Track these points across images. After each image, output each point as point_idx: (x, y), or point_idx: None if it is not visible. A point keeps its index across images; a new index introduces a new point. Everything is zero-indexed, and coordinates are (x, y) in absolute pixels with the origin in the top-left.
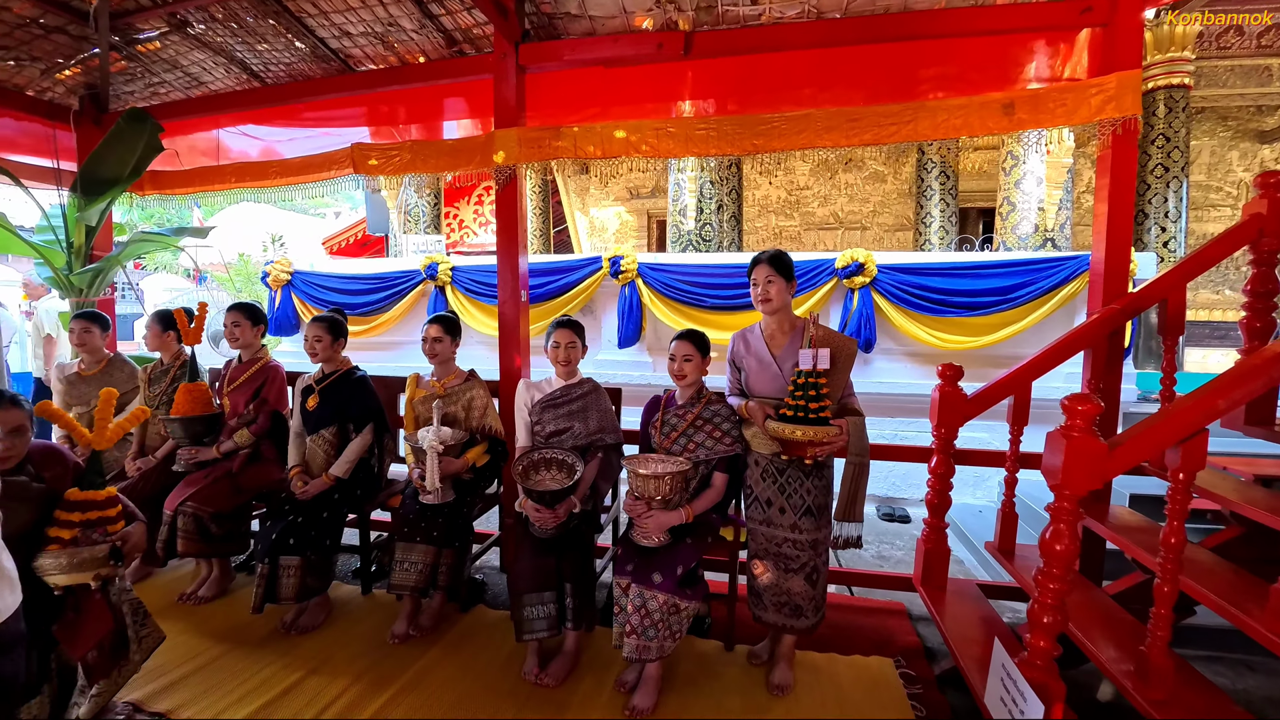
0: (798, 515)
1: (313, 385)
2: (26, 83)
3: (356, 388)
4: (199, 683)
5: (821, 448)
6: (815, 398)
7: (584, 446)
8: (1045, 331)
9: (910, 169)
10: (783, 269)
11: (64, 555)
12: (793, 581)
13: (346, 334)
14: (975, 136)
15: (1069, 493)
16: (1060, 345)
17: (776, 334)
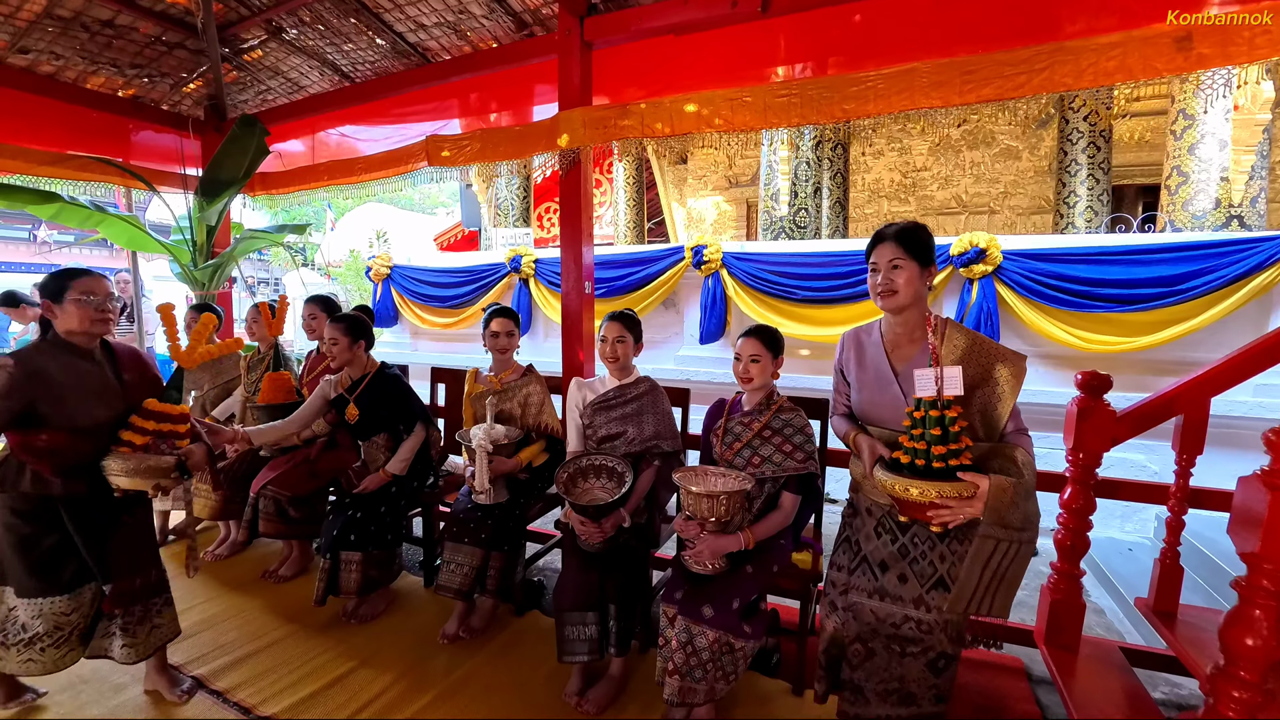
0: (925, 587)
1: (345, 395)
2: (160, 98)
3: (394, 391)
4: (259, 663)
5: (948, 512)
6: (941, 438)
7: (638, 453)
8: (1226, 331)
9: (1050, 143)
10: (917, 249)
11: (132, 459)
12: (909, 666)
13: (370, 336)
14: (1136, 82)
15: (1273, 569)
16: (1257, 349)
17: (902, 340)
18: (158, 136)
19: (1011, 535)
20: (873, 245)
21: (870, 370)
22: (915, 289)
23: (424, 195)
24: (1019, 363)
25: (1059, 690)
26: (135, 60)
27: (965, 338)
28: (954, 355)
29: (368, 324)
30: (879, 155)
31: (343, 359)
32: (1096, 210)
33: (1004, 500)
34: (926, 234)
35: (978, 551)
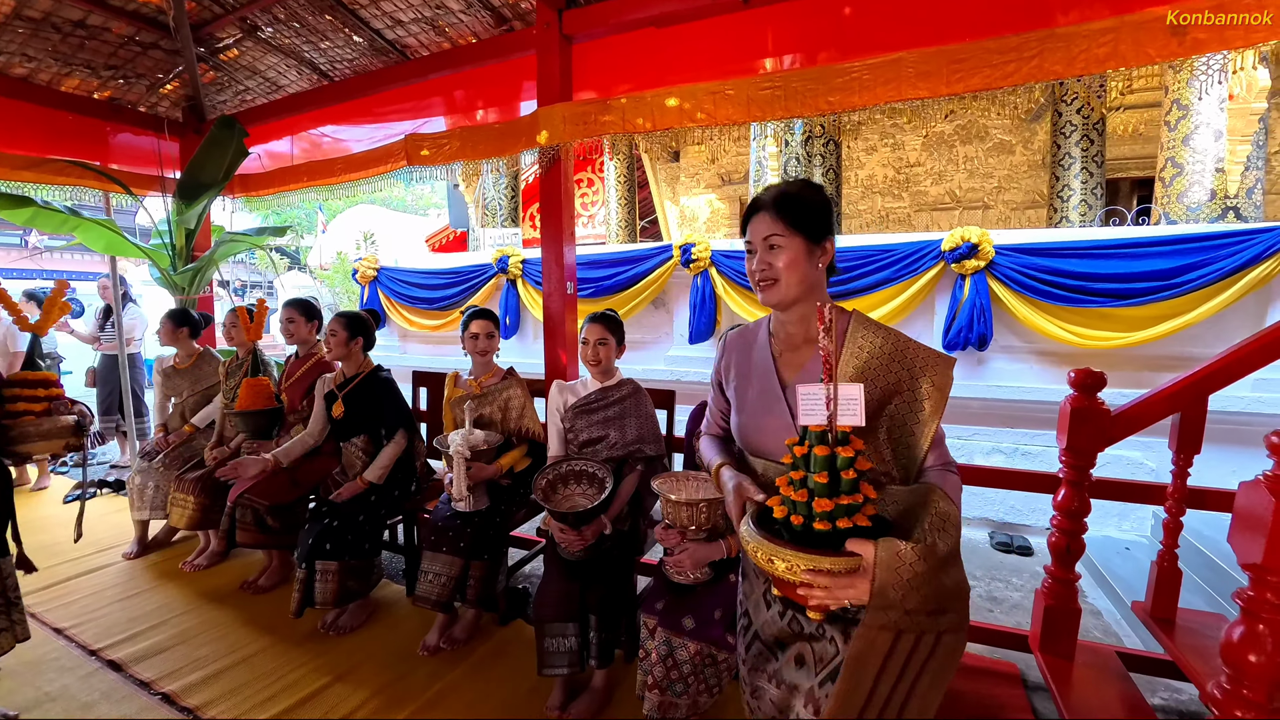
0: (820, 677)
1: (335, 391)
2: (138, 99)
3: (382, 393)
4: (232, 679)
5: (823, 593)
6: (828, 488)
7: (621, 458)
8: (1225, 325)
9: (1044, 136)
10: (802, 219)
11: (45, 423)
12: None
13: (369, 335)
14: (1129, 69)
15: (1277, 580)
16: (1257, 345)
17: (797, 342)
18: (135, 139)
19: (919, 623)
20: (747, 217)
21: (754, 383)
22: (802, 274)
23: (417, 197)
24: (945, 370)
25: (1054, 699)
26: (110, 61)
27: (875, 337)
28: (857, 362)
29: (368, 322)
30: (872, 151)
31: (338, 353)
32: (1090, 204)
33: (899, 577)
34: (816, 195)
35: (862, 652)
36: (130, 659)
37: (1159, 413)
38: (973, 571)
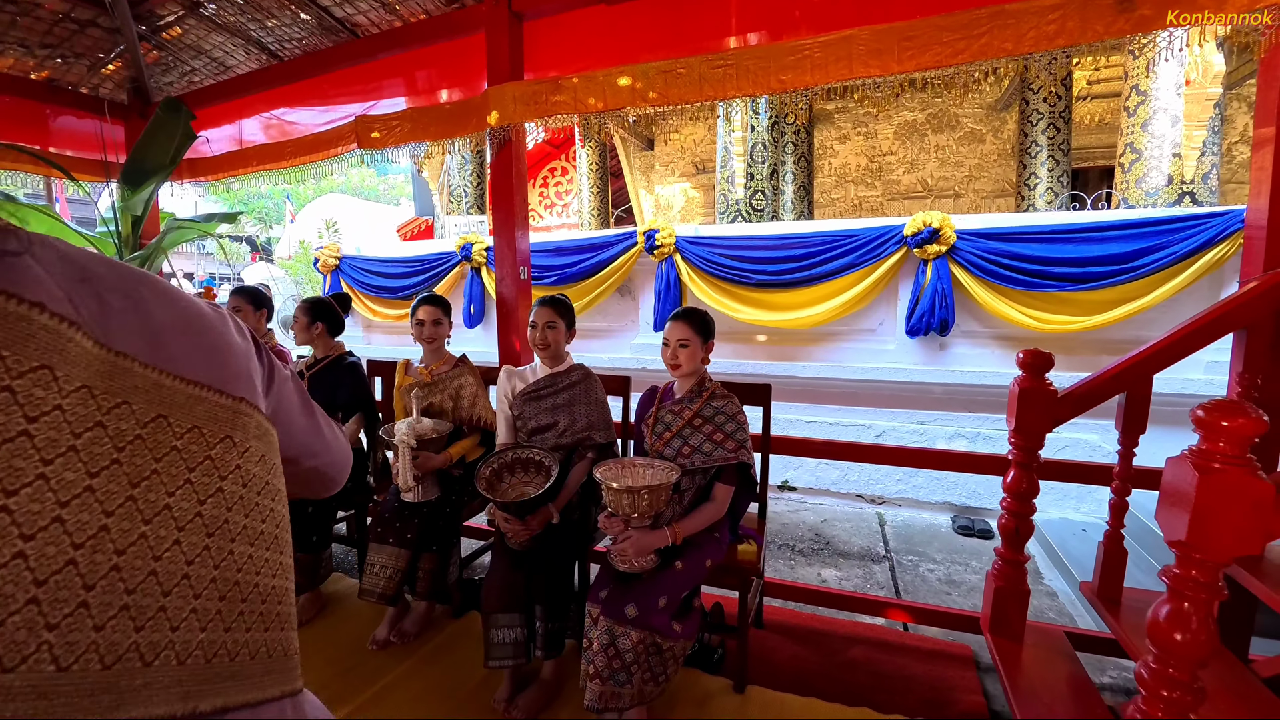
0: None
1: (303, 371)
2: (78, 80)
3: (346, 374)
4: None
5: None
6: None
7: (570, 445)
8: (1180, 309)
9: (1013, 126)
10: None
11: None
12: None
13: (330, 319)
14: (1079, 46)
15: (1201, 558)
16: (1198, 325)
17: None
18: (77, 122)
19: None
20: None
21: None
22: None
23: (389, 186)
24: None
25: (1001, 680)
26: (45, 40)
27: None
28: None
29: (329, 306)
30: (845, 139)
31: (302, 339)
32: (1057, 192)
33: None
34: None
35: None
36: None
37: (1104, 393)
38: (933, 555)
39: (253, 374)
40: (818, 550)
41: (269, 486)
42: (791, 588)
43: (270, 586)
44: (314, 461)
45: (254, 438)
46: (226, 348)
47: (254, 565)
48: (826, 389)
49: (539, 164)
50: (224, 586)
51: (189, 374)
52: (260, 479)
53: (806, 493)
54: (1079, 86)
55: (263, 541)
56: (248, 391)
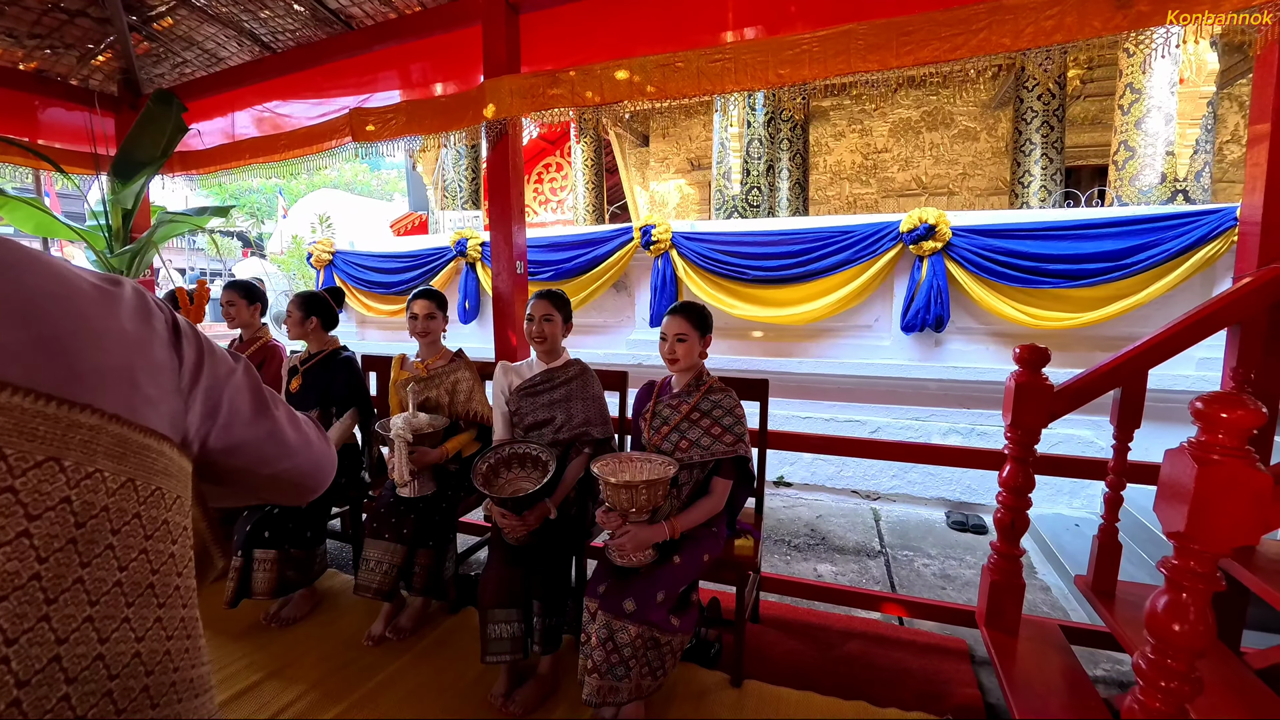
0: None
1: (297, 366)
2: (67, 71)
3: (341, 368)
4: None
5: None
6: None
7: (567, 441)
8: (1172, 306)
9: (1007, 124)
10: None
11: None
12: None
13: (324, 313)
14: (1076, 42)
15: (1200, 549)
16: (1193, 320)
17: None
18: (67, 114)
19: None
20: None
21: None
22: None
23: (382, 182)
24: None
25: (997, 673)
26: (34, 30)
27: None
28: None
29: (323, 300)
30: (840, 137)
31: (296, 333)
32: (1050, 190)
33: None
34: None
35: None
36: None
37: (1100, 387)
38: (928, 550)
39: (139, 372)
40: (813, 546)
41: (156, 523)
42: (788, 582)
43: (150, 651)
44: (273, 469)
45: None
46: (81, 338)
47: (131, 630)
48: (822, 385)
49: (533, 160)
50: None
51: (16, 380)
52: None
53: (802, 488)
54: (1072, 85)
55: (142, 599)
56: (123, 403)
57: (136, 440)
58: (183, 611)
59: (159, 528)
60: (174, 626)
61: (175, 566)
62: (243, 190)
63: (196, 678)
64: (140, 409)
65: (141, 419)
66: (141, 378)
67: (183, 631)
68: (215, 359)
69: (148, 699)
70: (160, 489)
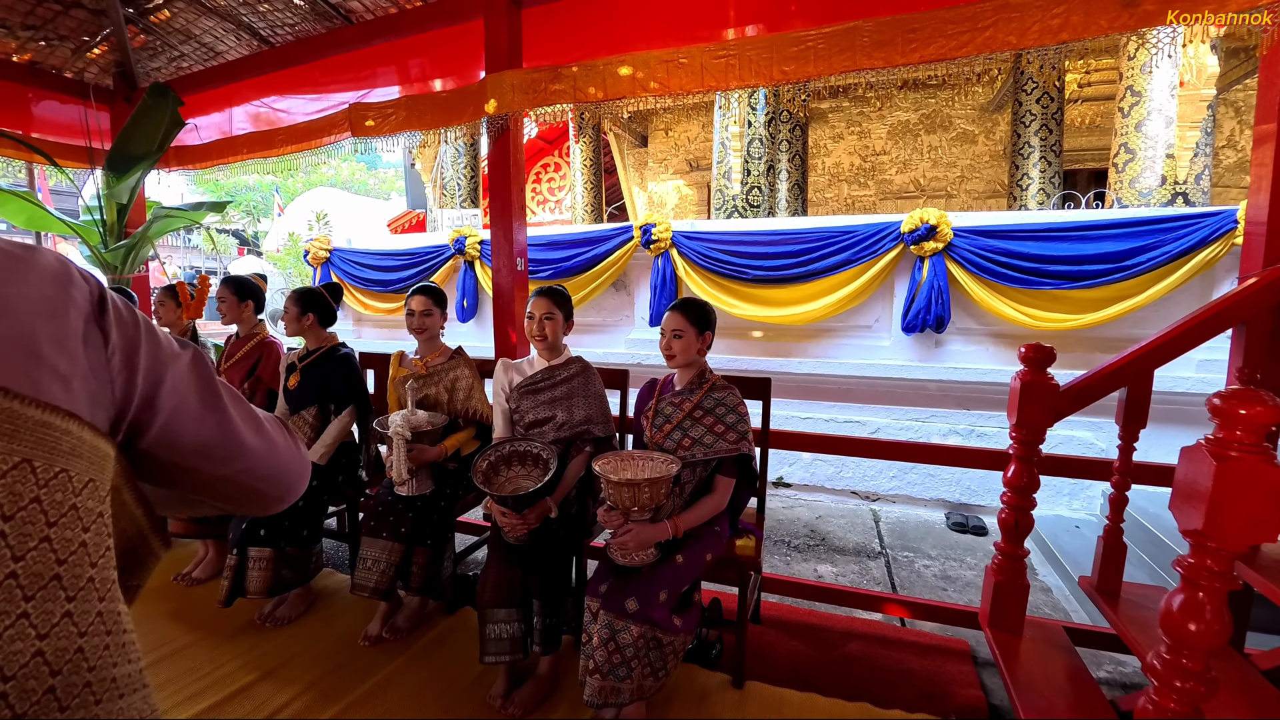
0: None
1: (295, 363)
2: (62, 64)
3: (339, 365)
4: (156, 675)
5: None
6: None
7: (568, 439)
8: (1173, 308)
9: (1005, 127)
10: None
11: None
12: None
13: (321, 309)
14: (1082, 40)
15: (1217, 547)
16: (1199, 320)
17: None
18: (61, 107)
19: None
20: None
21: None
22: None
23: (379, 180)
24: None
25: (1001, 673)
26: (28, 21)
27: None
28: None
29: (321, 296)
30: (839, 139)
31: (292, 330)
32: (1049, 193)
33: None
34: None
35: None
36: None
37: (1106, 387)
38: (928, 551)
39: (44, 342)
40: (813, 546)
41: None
42: (789, 583)
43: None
44: (223, 470)
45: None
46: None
47: (32, 626)
48: (822, 385)
49: (532, 159)
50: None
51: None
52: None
53: (801, 489)
54: (1071, 89)
55: (45, 592)
56: (18, 375)
57: (32, 416)
58: (100, 605)
59: (65, 513)
60: (88, 621)
61: (88, 556)
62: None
63: (121, 676)
64: (42, 382)
65: (42, 394)
66: (46, 348)
67: (100, 627)
68: (156, 343)
69: (54, 701)
70: (66, 470)
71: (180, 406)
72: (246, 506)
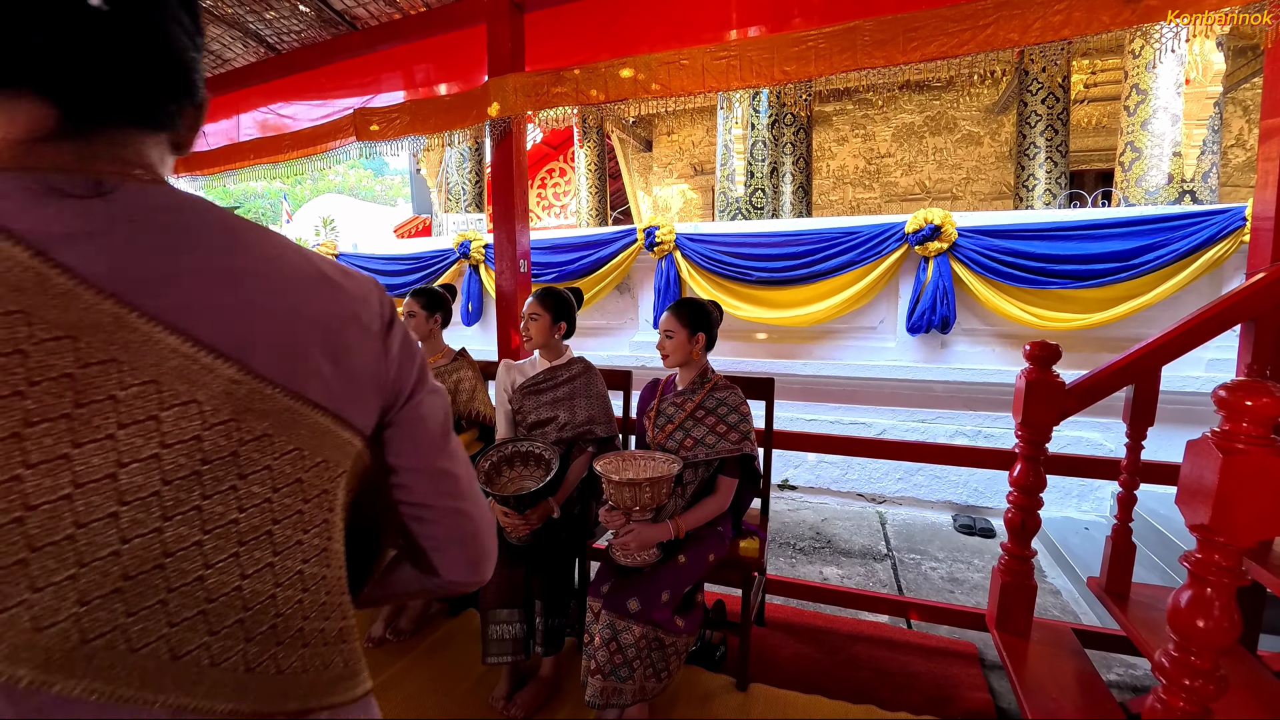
0: None
1: None
2: None
3: None
4: None
5: None
6: None
7: (571, 439)
8: (1179, 308)
9: (1010, 128)
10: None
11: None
12: None
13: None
14: (1084, 37)
15: (1225, 541)
16: (1207, 316)
17: None
18: None
19: None
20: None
21: None
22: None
23: (386, 186)
24: None
25: (1009, 675)
26: None
27: None
28: None
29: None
30: (843, 141)
31: None
32: (1055, 194)
33: None
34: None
35: None
36: None
37: (1113, 385)
38: (935, 553)
39: (314, 351)
40: (819, 549)
41: (289, 479)
42: (794, 585)
43: (300, 600)
44: (446, 504)
45: (332, 452)
46: (353, 362)
47: (300, 581)
48: (827, 387)
49: (537, 165)
50: (254, 601)
51: (314, 396)
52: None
53: (806, 491)
54: (1076, 89)
55: (256, 542)
56: (362, 415)
57: (281, 401)
58: (302, 566)
59: (289, 484)
60: (286, 577)
61: (302, 522)
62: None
63: (310, 630)
64: (300, 378)
65: (298, 387)
66: (316, 354)
67: (298, 584)
68: (424, 370)
69: (241, 630)
70: (299, 449)
71: (418, 424)
72: (454, 562)
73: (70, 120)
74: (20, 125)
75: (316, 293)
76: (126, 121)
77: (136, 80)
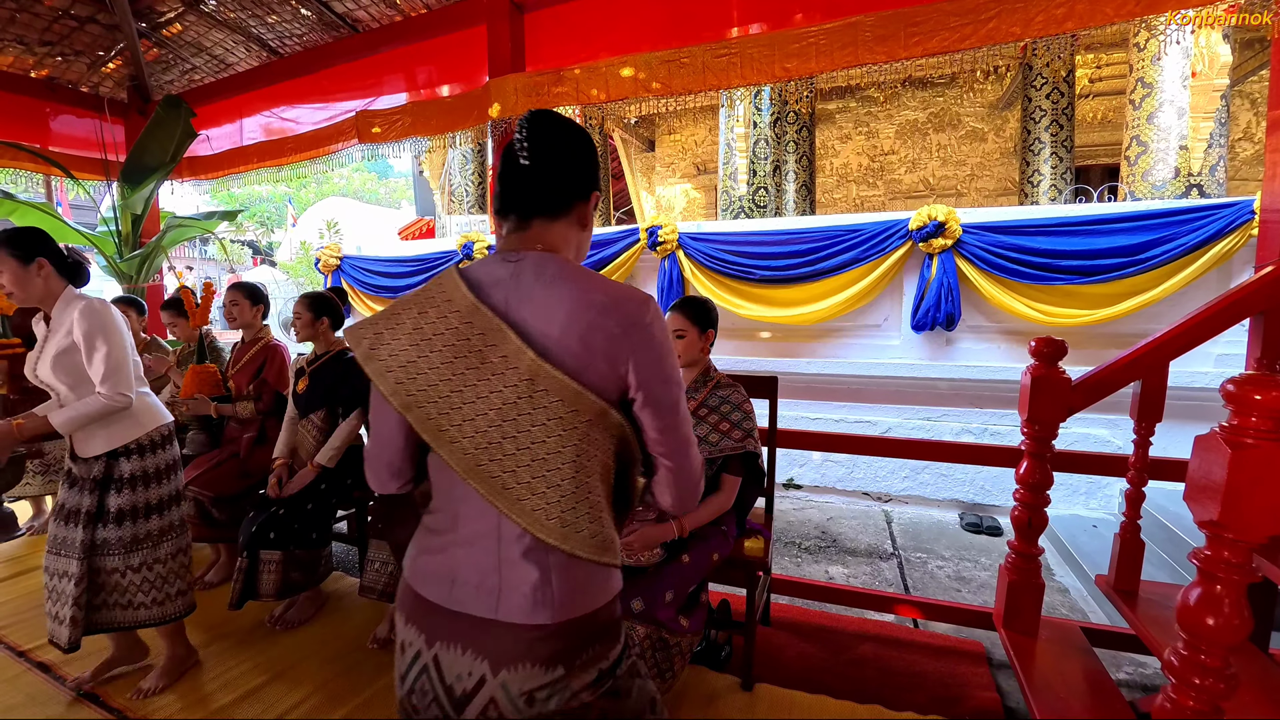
0: None
1: (304, 367)
2: (78, 78)
3: (347, 369)
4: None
5: None
6: None
7: None
8: (1187, 303)
9: (1015, 125)
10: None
11: None
12: None
13: (333, 314)
14: (1088, 29)
15: (1234, 537)
16: (1214, 310)
17: None
18: (77, 120)
19: None
20: None
21: None
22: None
23: (390, 189)
24: None
25: (1017, 675)
26: (45, 37)
27: None
28: None
29: (331, 301)
30: (846, 139)
31: (304, 334)
32: (1060, 189)
33: None
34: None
35: None
36: (61, 660)
37: (1120, 380)
38: (941, 552)
39: (597, 354)
40: (824, 548)
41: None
42: (799, 584)
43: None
44: (671, 462)
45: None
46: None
47: (598, 478)
48: (831, 385)
49: None
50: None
51: (572, 373)
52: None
53: (812, 490)
54: (1081, 84)
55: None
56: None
57: (572, 388)
58: (600, 486)
59: (586, 434)
60: (587, 488)
61: (599, 457)
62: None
63: (590, 532)
64: (585, 374)
65: (582, 379)
66: (597, 356)
67: (593, 496)
68: (665, 367)
69: (559, 503)
70: (590, 419)
71: (654, 405)
72: (677, 499)
73: (517, 222)
74: (503, 228)
75: (589, 310)
76: (541, 218)
77: (544, 198)
